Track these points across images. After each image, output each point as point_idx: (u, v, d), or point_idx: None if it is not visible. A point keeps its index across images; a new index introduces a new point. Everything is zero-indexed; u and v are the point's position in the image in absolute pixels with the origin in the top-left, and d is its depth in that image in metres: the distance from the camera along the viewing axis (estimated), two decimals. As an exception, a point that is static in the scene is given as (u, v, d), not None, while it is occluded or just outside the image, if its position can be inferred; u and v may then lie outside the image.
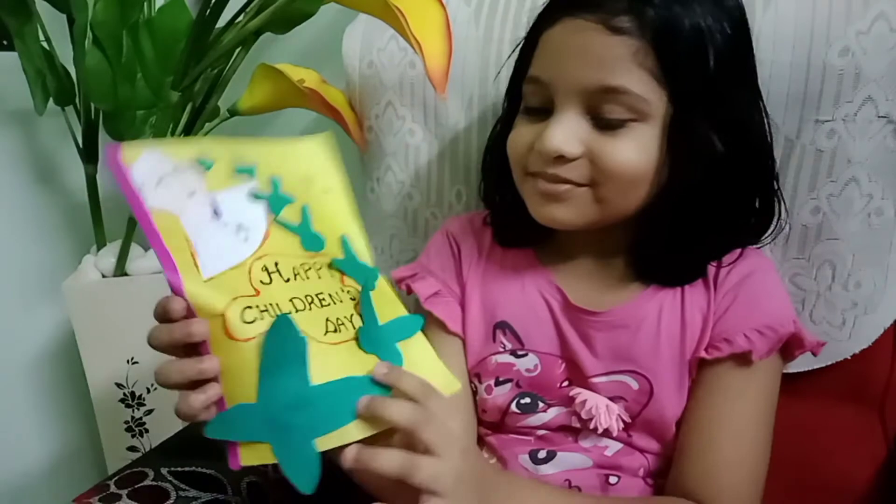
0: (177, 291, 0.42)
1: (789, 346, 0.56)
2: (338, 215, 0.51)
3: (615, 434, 0.57)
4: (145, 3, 0.84)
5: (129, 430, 1.01)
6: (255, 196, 0.47)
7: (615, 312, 0.58)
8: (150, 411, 1.00)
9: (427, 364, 0.49)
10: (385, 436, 0.43)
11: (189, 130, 0.90)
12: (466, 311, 0.62)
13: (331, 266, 0.49)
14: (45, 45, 0.87)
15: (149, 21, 0.83)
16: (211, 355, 0.42)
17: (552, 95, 0.53)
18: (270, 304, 0.44)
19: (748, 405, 0.55)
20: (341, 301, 0.48)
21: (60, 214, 1.08)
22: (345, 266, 0.50)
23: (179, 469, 0.62)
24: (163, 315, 0.42)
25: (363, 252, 0.51)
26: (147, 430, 1.01)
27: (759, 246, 0.60)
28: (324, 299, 0.47)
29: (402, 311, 0.51)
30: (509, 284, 0.61)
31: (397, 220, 0.81)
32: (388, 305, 0.50)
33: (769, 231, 0.59)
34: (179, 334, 0.41)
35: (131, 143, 0.44)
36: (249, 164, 0.48)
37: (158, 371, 0.42)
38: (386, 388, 0.45)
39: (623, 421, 0.57)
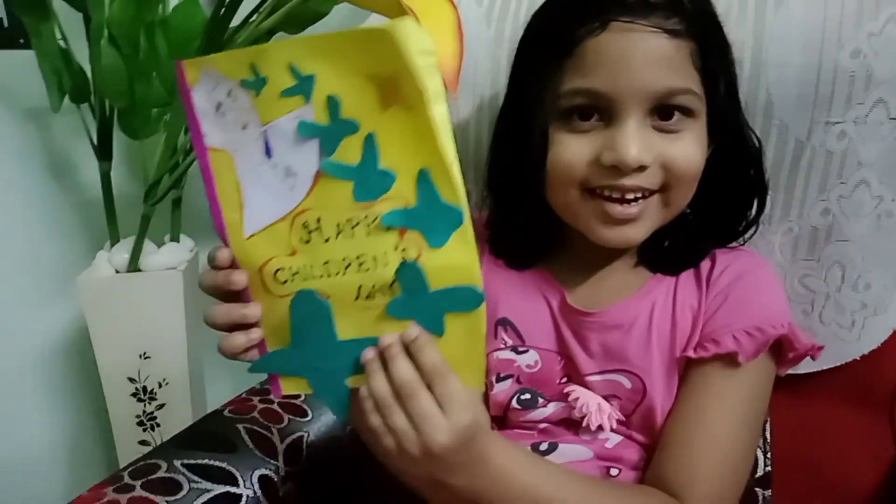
0: (224, 241, 0.45)
1: (781, 348, 0.56)
2: (422, 139, 0.40)
3: (608, 430, 0.57)
4: (160, 3, 0.85)
5: (140, 424, 1.02)
6: (308, 130, 0.42)
7: (609, 313, 0.58)
8: (161, 406, 1.01)
9: (466, 348, 0.44)
10: None
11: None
12: None
13: (384, 222, 0.42)
14: (61, 43, 0.88)
15: (164, 20, 0.84)
16: (254, 302, 0.45)
17: (609, 105, 0.51)
18: (304, 266, 0.44)
19: (728, 404, 0.54)
20: (386, 265, 0.42)
21: (75, 210, 1.09)
22: (405, 220, 0.42)
23: (192, 461, 0.63)
24: (211, 262, 0.45)
25: (450, 187, 0.41)
26: (158, 425, 1.02)
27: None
28: (363, 262, 0.43)
29: (471, 278, 0.42)
30: (511, 282, 0.62)
31: (408, 218, 0.82)
32: (454, 268, 0.42)
33: (755, 219, 0.60)
34: (223, 281, 0.45)
35: (194, 61, 0.42)
36: (307, 74, 0.40)
37: (207, 313, 0.46)
38: None
39: (617, 419, 0.57)
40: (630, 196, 0.52)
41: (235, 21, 0.81)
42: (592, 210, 0.53)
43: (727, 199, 0.57)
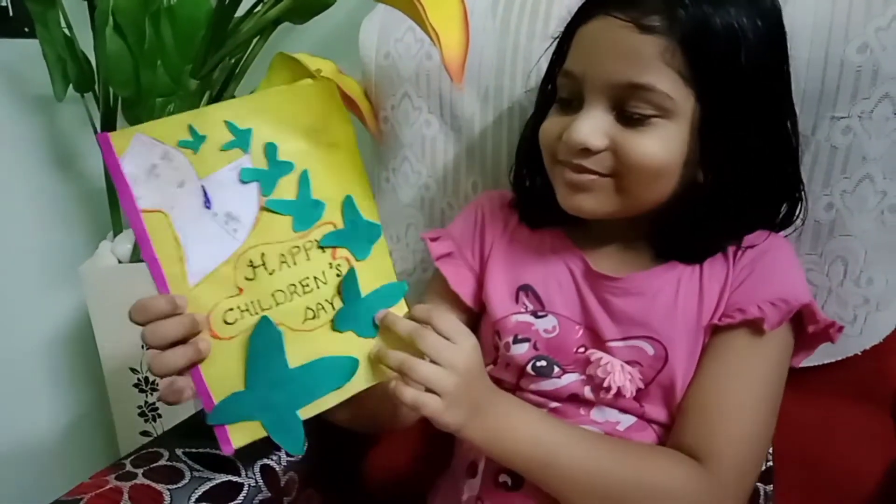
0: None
1: (802, 322, 0.57)
2: (344, 172, 0.50)
3: (628, 395, 0.57)
4: (166, -9, 0.85)
5: (142, 414, 1.02)
6: (246, 176, 0.47)
7: (634, 279, 0.59)
8: (163, 396, 1.01)
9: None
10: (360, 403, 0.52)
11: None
12: (490, 274, 0.65)
13: (321, 244, 0.50)
14: (66, 31, 0.88)
15: (170, 8, 0.84)
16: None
17: (582, 89, 0.55)
18: (252, 302, 0.47)
19: (753, 372, 0.55)
20: (325, 283, 0.50)
21: (78, 200, 1.09)
22: (337, 240, 0.51)
23: (194, 450, 0.63)
24: (146, 314, 0.45)
25: (368, 210, 0.52)
26: (160, 416, 1.03)
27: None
28: (307, 285, 0.49)
29: (391, 278, 0.53)
30: (535, 251, 0.64)
31: (414, 209, 0.82)
32: (378, 273, 0.53)
33: (793, 221, 0.61)
34: (189, 324, 0.45)
35: (122, 131, 0.43)
36: (244, 128, 0.46)
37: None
38: (353, 362, 0.51)
39: (637, 384, 0.58)
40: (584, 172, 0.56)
41: (241, 11, 0.81)
42: (558, 175, 0.58)
43: (752, 198, 0.57)
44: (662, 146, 0.53)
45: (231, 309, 0.47)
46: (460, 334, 0.50)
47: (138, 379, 1.00)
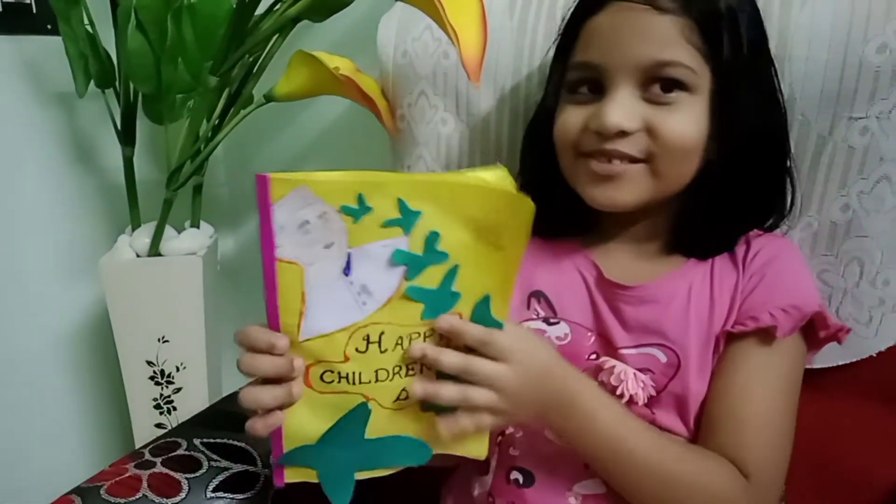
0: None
1: (814, 327, 0.57)
2: (495, 273, 0.47)
3: (640, 403, 0.57)
4: (188, -11, 0.86)
5: (157, 407, 1.04)
6: (398, 258, 0.44)
7: (646, 288, 0.59)
8: (178, 389, 1.02)
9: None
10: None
11: (224, 116, 0.92)
12: None
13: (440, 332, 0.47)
14: (88, 28, 0.89)
15: (191, 6, 0.85)
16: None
17: (602, 78, 0.56)
18: (353, 373, 0.46)
19: (773, 381, 0.56)
20: (429, 368, 0.47)
21: (98, 194, 1.11)
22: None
23: (211, 440, 0.64)
24: (269, 348, 0.44)
25: (501, 310, 0.47)
26: (175, 408, 1.04)
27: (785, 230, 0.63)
28: (412, 369, 0.47)
29: None
30: (547, 257, 0.64)
31: (427, 207, 0.83)
32: None
33: (788, 209, 0.62)
34: (286, 368, 0.45)
35: (284, 178, 0.40)
36: (414, 210, 0.43)
37: (248, 392, 0.46)
38: (427, 447, 0.49)
39: (649, 392, 0.58)
40: (615, 161, 0.55)
41: (261, 9, 0.82)
42: (582, 169, 0.58)
43: (757, 178, 0.58)
44: (692, 121, 0.55)
45: (331, 371, 0.45)
46: (512, 355, 0.46)
47: (154, 372, 1.01)
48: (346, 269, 0.43)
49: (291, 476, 0.48)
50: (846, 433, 0.68)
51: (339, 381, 0.45)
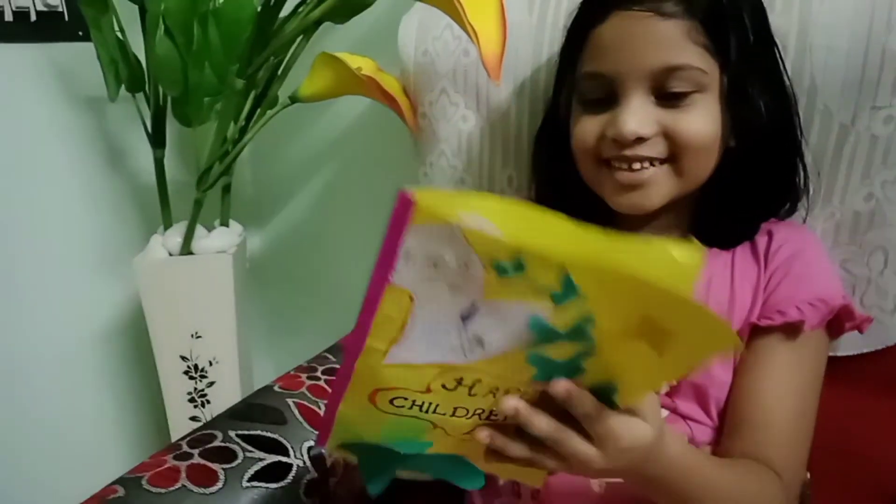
0: (345, 351, 0.41)
1: (839, 319, 0.58)
2: (636, 373, 0.39)
3: (661, 392, 0.58)
4: (213, -7, 0.88)
5: (191, 400, 1.07)
6: (538, 328, 0.37)
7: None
8: (211, 383, 1.05)
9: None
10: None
11: (251, 117, 0.94)
12: None
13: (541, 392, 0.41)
14: (118, 34, 0.92)
15: (216, 11, 0.87)
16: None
17: (614, 86, 0.56)
18: (429, 403, 0.41)
19: (797, 377, 0.57)
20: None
21: (130, 195, 1.14)
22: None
23: (246, 432, 0.66)
24: None
25: (624, 398, 0.41)
26: (209, 402, 1.07)
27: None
28: (497, 415, 0.42)
29: None
30: None
31: (449, 203, 0.84)
32: None
33: (801, 194, 0.62)
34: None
35: (431, 208, 0.33)
36: (577, 286, 0.35)
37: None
38: (482, 474, 0.47)
39: (669, 384, 0.59)
40: (637, 166, 0.56)
41: (284, 11, 0.84)
42: (606, 179, 0.59)
43: (772, 162, 0.59)
44: (707, 119, 0.56)
45: (405, 398, 0.41)
46: (609, 445, 0.40)
47: (188, 367, 1.04)
48: (466, 317, 0.37)
49: (334, 449, 0.45)
50: (870, 421, 0.68)
51: (411, 408, 0.41)
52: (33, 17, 1.01)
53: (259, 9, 0.82)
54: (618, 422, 0.40)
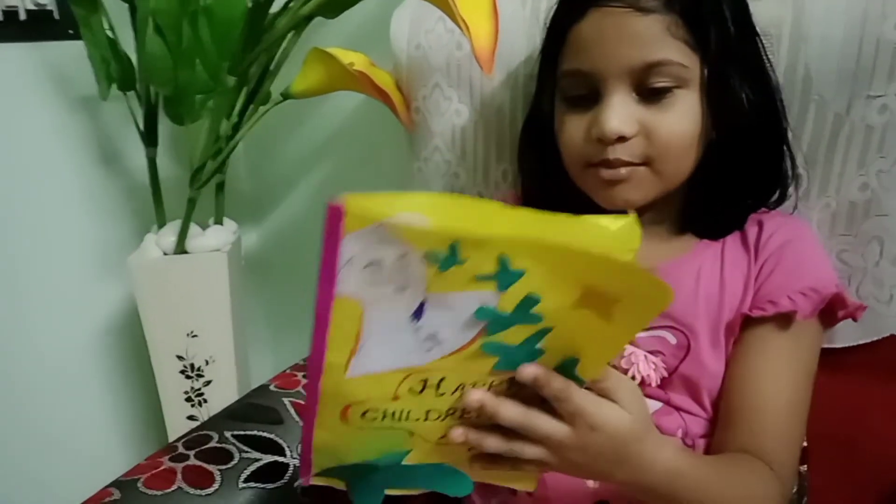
0: (311, 375, 0.39)
1: (832, 307, 0.58)
2: (593, 342, 0.40)
3: (653, 384, 0.58)
4: (203, -9, 0.87)
5: (188, 399, 1.06)
6: (486, 315, 0.37)
7: (656, 270, 0.59)
8: (208, 382, 1.05)
9: None
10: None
11: (243, 114, 0.93)
12: None
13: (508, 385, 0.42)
14: (109, 33, 0.91)
15: (206, 8, 0.86)
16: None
17: (595, 83, 0.56)
18: (401, 411, 0.41)
19: (789, 368, 0.57)
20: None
21: (123, 194, 1.13)
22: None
23: (242, 433, 0.66)
24: None
25: (589, 371, 0.42)
26: (205, 401, 1.06)
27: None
28: (469, 413, 0.42)
29: None
30: None
31: (444, 198, 0.84)
32: None
33: (789, 182, 0.62)
34: None
35: (361, 212, 0.32)
36: (516, 269, 0.35)
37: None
38: (468, 478, 0.46)
39: (661, 373, 0.59)
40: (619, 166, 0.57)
41: (275, 7, 0.83)
42: (591, 178, 0.59)
43: (757, 152, 0.59)
44: (687, 117, 0.56)
45: (374, 410, 0.41)
46: (582, 424, 0.41)
47: (184, 366, 1.04)
48: (416, 315, 0.37)
49: (319, 480, 0.46)
50: (867, 412, 0.68)
51: (383, 420, 0.41)
52: (23, 16, 1.00)
53: (250, 5, 0.82)
54: (587, 399, 0.41)
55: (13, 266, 1.08)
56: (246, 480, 0.61)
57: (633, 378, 0.58)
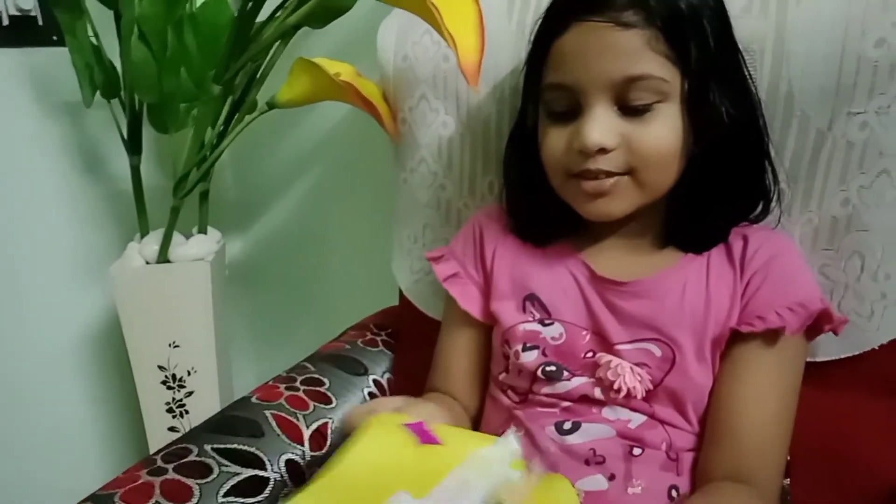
0: None
1: (818, 322, 0.59)
2: None
3: (639, 396, 0.58)
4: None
5: (169, 410, 1.05)
6: None
7: (641, 283, 0.61)
8: (190, 393, 1.04)
9: None
10: None
11: (228, 123, 0.93)
12: (495, 287, 0.67)
13: None
14: (93, 40, 0.90)
15: (192, 16, 0.86)
16: None
17: (577, 97, 0.57)
18: None
19: (777, 384, 0.57)
20: None
21: (106, 203, 1.12)
22: None
23: (222, 446, 0.65)
24: None
25: None
26: (187, 412, 1.05)
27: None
28: None
29: None
30: (538, 260, 0.66)
31: (430, 209, 0.83)
32: None
33: (772, 196, 0.63)
34: None
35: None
36: None
37: None
38: None
39: (647, 386, 0.59)
40: (601, 176, 0.57)
41: (261, 16, 0.83)
42: (574, 189, 0.60)
43: (739, 165, 0.60)
44: (668, 129, 0.56)
45: None
46: None
47: (165, 376, 1.03)
48: None
49: None
50: (850, 426, 0.68)
51: None
52: (6, 22, 1.00)
53: (236, 14, 0.82)
54: None
55: (-9, 274, 1.07)
56: (225, 495, 0.60)
57: (619, 390, 0.58)
